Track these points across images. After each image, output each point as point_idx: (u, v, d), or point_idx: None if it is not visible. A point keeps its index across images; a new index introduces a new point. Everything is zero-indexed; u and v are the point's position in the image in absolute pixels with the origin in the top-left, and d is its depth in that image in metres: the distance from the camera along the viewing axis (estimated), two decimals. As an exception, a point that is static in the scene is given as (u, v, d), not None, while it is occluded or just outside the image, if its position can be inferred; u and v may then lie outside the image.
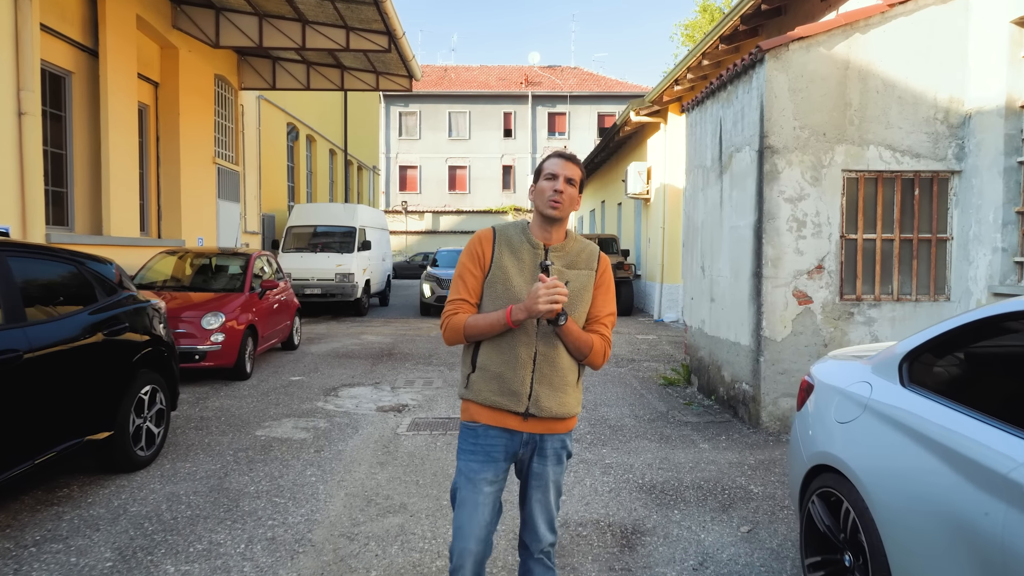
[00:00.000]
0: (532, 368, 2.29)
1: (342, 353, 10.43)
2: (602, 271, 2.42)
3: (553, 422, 2.37)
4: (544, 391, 2.31)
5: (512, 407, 2.31)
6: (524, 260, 2.35)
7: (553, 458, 2.42)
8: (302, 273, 14.80)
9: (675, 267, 14.84)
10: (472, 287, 2.37)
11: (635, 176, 16.58)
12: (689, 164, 8.17)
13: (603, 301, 2.41)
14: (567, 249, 2.38)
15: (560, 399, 2.33)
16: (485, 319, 2.29)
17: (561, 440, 2.42)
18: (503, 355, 2.30)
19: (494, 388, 2.32)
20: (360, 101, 26.10)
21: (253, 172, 14.77)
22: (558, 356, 2.32)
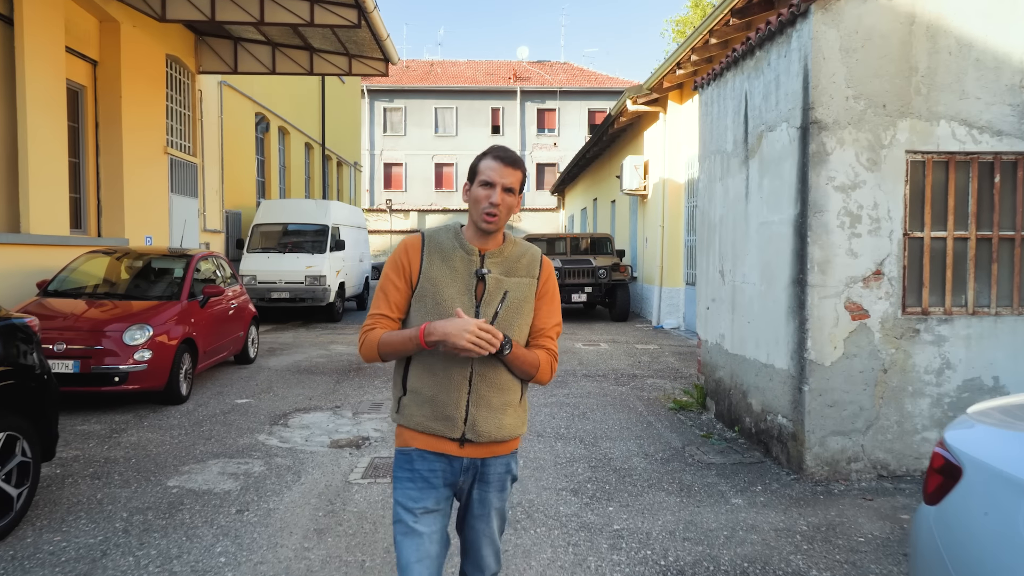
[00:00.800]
0: (468, 390, 2.09)
1: (304, 367, 9.18)
2: (545, 278, 2.21)
3: (493, 446, 2.17)
4: (482, 414, 2.11)
5: (447, 433, 2.11)
6: (457, 268, 2.12)
7: (496, 484, 2.21)
8: (268, 275, 13.51)
9: (676, 269, 13.67)
10: (395, 301, 2.15)
11: (631, 171, 15.41)
12: (703, 150, 6.99)
13: (548, 312, 2.21)
14: (505, 254, 2.17)
15: (500, 421, 2.13)
16: (398, 336, 2.08)
17: (504, 464, 2.22)
18: (435, 376, 2.10)
19: (427, 413, 2.11)
20: (340, 93, 24.79)
21: (214, 164, 13.47)
22: (498, 376, 2.12)
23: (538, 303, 2.18)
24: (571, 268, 14.46)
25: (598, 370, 9.10)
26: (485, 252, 2.14)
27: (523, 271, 2.17)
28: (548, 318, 2.20)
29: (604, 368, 9.25)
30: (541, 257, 2.22)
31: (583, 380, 8.45)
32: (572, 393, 7.68)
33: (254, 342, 9.40)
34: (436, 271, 2.11)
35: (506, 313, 2.10)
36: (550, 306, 2.21)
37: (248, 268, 13.55)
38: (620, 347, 11.14)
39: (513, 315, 2.12)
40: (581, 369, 9.17)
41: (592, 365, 9.48)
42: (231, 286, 8.85)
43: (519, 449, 2.49)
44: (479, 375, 2.09)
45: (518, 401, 2.18)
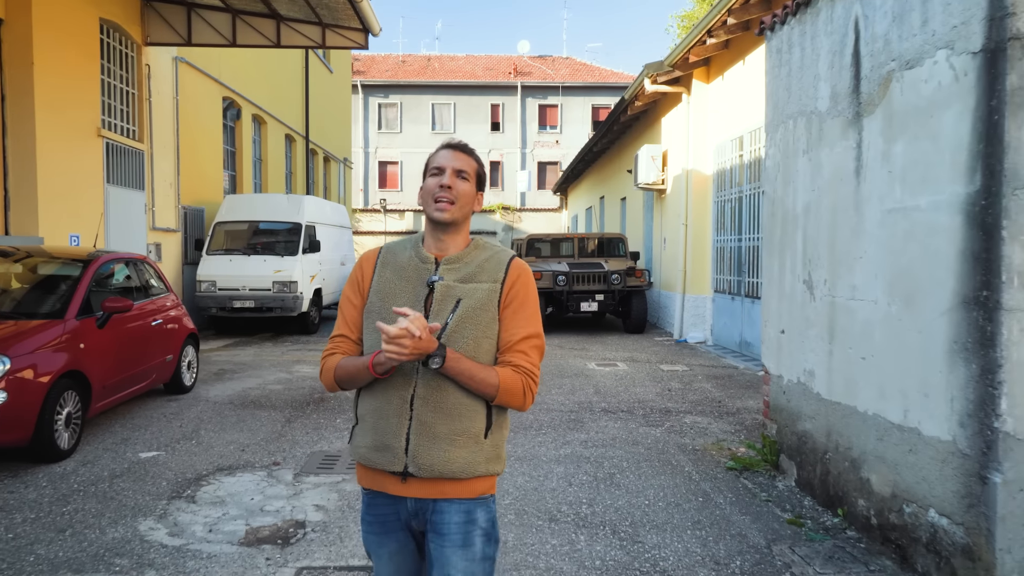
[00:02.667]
0: (409, 415, 1.78)
1: (252, 398, 7.33)
2: (511, 283, 1.86)
3: (443, 483, 1.80)
4: (423, 444, 1.77)
5: (387, 465, 1.80)
6: (410, 279, 1.88)
7: (456, 536, 1.79)
8: (230, 281, 11.67)
9: (702, 274, 11.81)
10: (352, 320, 1.92)
11: (647, 162, 13.57)
12: (774, 116, 5.15)
13: (515, 321, 1.84)
14: (466, 260, 1.89)
15: (447, 454, 1.77)
16: (352, 365, 1.82)
17: (463, 511, 1.81)
18: (376, 400, 1.82)
19: (368, 442, 1.83)
20: (328, 83, 22.97)
21: (167, 152, 11.63)
22: (443, 398, 1.78)
23: (503, 313, 1.85)
24: (579, 273, 12.61)
25: (621, 402, 7.25)
26: (442, 258, 1.89)
27: (485, 276, 1.87)
28: (516, 329, 1.84)
29: (627, 399, 7.40)
30: (510, 260, 1.90)
31: (603, 418, 6.61)
32: (592, 440, 5.83)
33: (191, 366, 7.55)
34: (386, 284, 1.89)
35: (458, 324, 1.80)
36: (519, 315, 1.86)
37: (207, 272, 11.71)
38: (642, 368, 9.28)
39: (467, 326, 1.80)
40: (599, 401, 7.32)
41: (612, 395, 7.63)
42: (158, 297, 7.01)
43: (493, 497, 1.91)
44: (421, 398, 1.79)
45: (482, 433, 1.81)
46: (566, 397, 7.49)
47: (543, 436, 5.93)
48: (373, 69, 40.84)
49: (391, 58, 43.01)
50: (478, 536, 1.83)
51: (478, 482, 1.84)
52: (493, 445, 1.84)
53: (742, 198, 10.25)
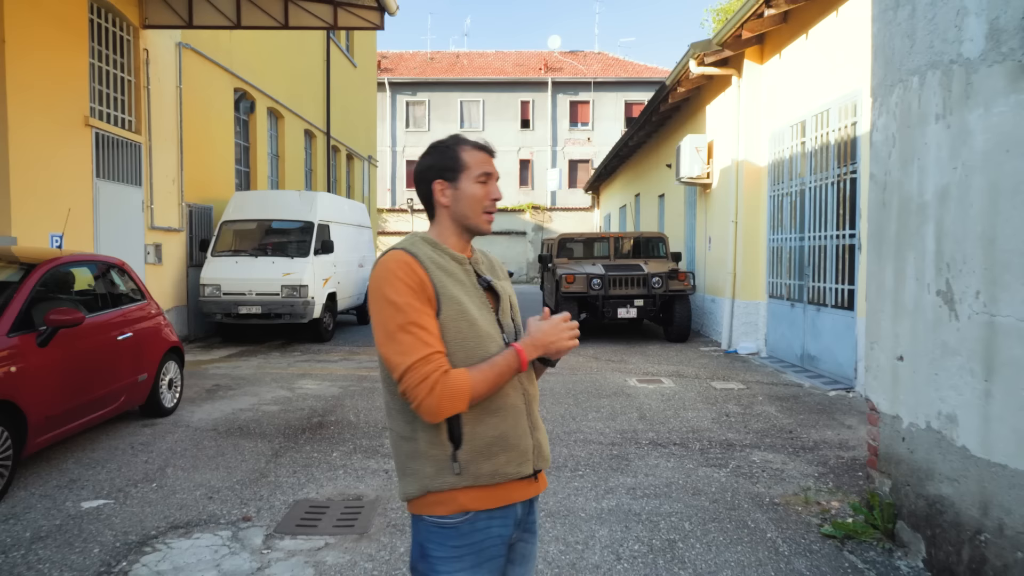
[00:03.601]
0: (526, 411, 1.77)
1: (240, 423, 6.32)
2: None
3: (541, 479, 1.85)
4: (542, 436, 1.82)
5: (523, 470, 1.74)
6: (464, 282, 1.77)
7: (535, 527, 1.86)
8: (236, 285, 10.75)
9: (755, 277, 10.56)
10: (435, 330, 1.67)
11: (690, 154, 12.34)
12: (886, 73, 3.94)
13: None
14: (478, 260, 1.87)
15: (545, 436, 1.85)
16: (493, 369, 1.66)
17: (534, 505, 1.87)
18: (502, 411, 1.72)
19: (500, 457, 1.70)
20: (351, 77, 22.10)
21: (169, 145, 10.75)
22: (533, 388, 1.83)
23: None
24: (616, 276, 11.44)
25: (671, 432, 6.09)
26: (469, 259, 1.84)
27: (501, 274, 1.93)
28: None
29: (679, 428, 6.24)
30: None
31: (653, 453, 5.45)
32: (642, 487, 4.69)
33: (172, 384, 6.57)
34: (452, 288, 1.73)
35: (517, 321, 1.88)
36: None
37: (211, 276, 10.80)
38: (690, 386, 8.09)
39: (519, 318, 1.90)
40: (645, 430, 6.16)
41: (660, 421, 6.47)
42: (131, 306, 6.04)
43: None
44: (531, 396, 1.81)
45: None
46: (606, 424, 6.35)
47: (580, 480, 4.80)
48: (401, 67, 40.07)
49: (419, 55, 42.20)
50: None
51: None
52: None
53: (804, 191, 8.99)
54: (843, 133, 7.96)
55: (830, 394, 7.59)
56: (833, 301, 8.17)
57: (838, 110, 8.05)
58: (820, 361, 8.55)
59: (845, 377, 7.91)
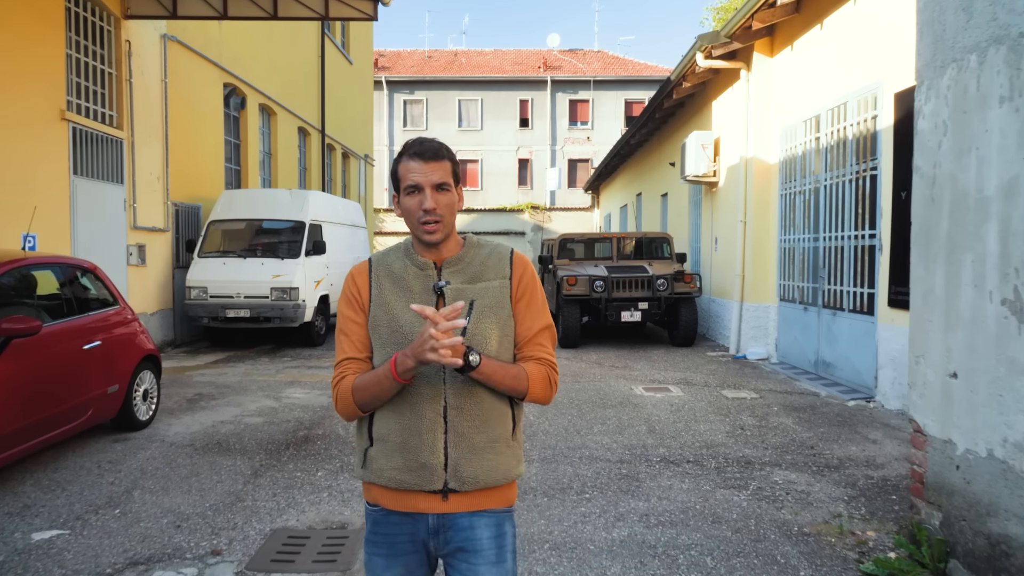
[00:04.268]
0: (444, 428, 1.71)
1: (220, 438, 5.88)
2: (519, 276, 1.82)
3: (484, 494, 1.75)
4: (465, 456, 1.71)
5: (425, 485, 1.71)
6: (412, 288, 1.78)
7: (490, 552, 1.73)
8: (223, 287, 10.30)
9: (764, 279, 10.14)
10: (358, 339, 1.80)
11: (696, 151, 11.92)
12: (935, 53, 3.50)
13: (531, 315, 1.81)
14: (467, 259, 1.82)
15: (489, 463, 1.73)
16: (371, 378, 1.70)
17: (496, 524, 1.76)
18: (403, 417, 1.72)
19: (398, 463, 1.72)
20: (347, 74, 21.65)
21: (153, 141, 10.30)
22: (479, 405, 1.73)
23: (516, 307, 1.81)
24: (620, 278, 11.00)
25: (684, 447, 5.65)
26: (442, 263, 1.80)
27: (492, 273, 1.81)
28: (532, 321, 1.81)
29: (692, 442, 5.80)
30: (512, 253, 1.85)
31: (665, 472, 5.02)
32: (655, 512, 4.25)
33: (148, 396, 6.13)
34: (388, 294, 1.79)
35: (477, 325, 1.73)
36: (531, 307, 1.82)
37: (197, 278, 10.35)
38: (700, 395, 7.66)
39: (486, 325, 1.75)
40: (655, 445, 5.73)
41: (670, 434, 6.03)
42: (101, 312, 5.59)
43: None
44: (455, 408, 1.72)
45: (510, 434, 1.79)
46: (612, 438, 5.91)
47: (588, 505, 4.37)
48: (398, 65, 39.65)
49: (416, 53, 41.78)
50: (508, 552, 1.79)
51: (509, 489, 1.82)
52: (518, 443, 1.83)
53: (819, 189, 8.56)
54: (862, 127, 7.53)
55: (849, 404, 7.16)
56: (851, 305, 7.74)
57: (856, 103, 7.62)
58: (836, 368, 8.12)
59: (864, 386, 7.48)
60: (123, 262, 9.49)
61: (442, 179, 1.74)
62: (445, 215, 1.75)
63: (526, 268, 1.85)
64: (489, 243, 1.89)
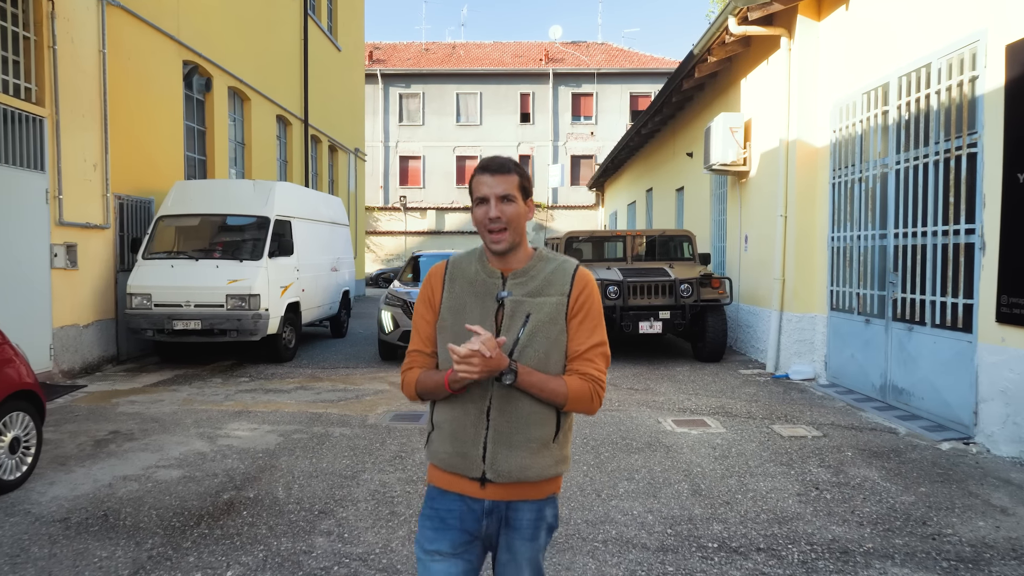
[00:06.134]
0: (486, 425, 1.91)
1: (111, 505, 4.31)
2: (577, 294, 1.94)
3: (519, 487, 1.92)
4: (502, 452, 1.90)
5: (466, 471, 1.93)
6: (479, 294, 1.96)
7: (527, 531, 1.95)
8: (170, 294, 8.74)
9: (809, 284, 8.56)
10: (426, 335, 2.04)
11: (723, 136, 10.35)
12: None
13: (582, 332, 1.93)
14: (532, 273, 1.96)
15: (524, 461, 1.90)
16: (432, 382, 1.96)
17: (535, 509, 1.95)
18: (454, 410, 1.95)
19: (448, 449, 1.95)
20: (334, 62, 20.10)
21: (87, 122, 8.73)
22: (518, 408, 1.90)
23: (571, 323, 1.92)
24: (637, 283, 9.43)
25: (746, 522, 4.08)
26: (508, 273, 1.96)
27: (552, 288, 1.94)
28: (583, 339, 1.92)
29: (755, 512, 4.23)
30: (575, 270, 1.97)
31: (730, 572, 3.44)
32: (734, 667, 2.68)
33: (18, 445, 4.55)
34: (457, 299, 1.98)
35: (528, 337, 1.90)
36: (583, 324, 1.93)
37: (140, 283, 8.79)
38: (746, 430, 6.09)
39: (537, 339, 1.90)
40: (706, 517, 4.15)
41: (723, 498, 4.46)
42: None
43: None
44: (497, 408, 1.91)
45: (551, 438, 1.93)
46: (646, 504, 4.34)
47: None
48: (394, 58, 38.10)
49: (413, 46, 40.23)
50: (543, 529, 1.97)
51: (548, 483, 1.95)
52: (560, 447, 1.94)
53: (887, 175, 6.99)
54: (954, 94, 5.95)
55: (942, 447, 5.59)
56: (936, 319, 6.16)
57: (946, 64, 6.04)
58: (913, 396, 6.54)
59: (956, 422, 5.90)
60: (45, 264, 7.93)
61: (507, 191, 1.89)
62: (511, 226, 1.90)
63: (586, 286, 1.94)
64: (557, 258, 1.99)
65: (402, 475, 4.93)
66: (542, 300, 1.90)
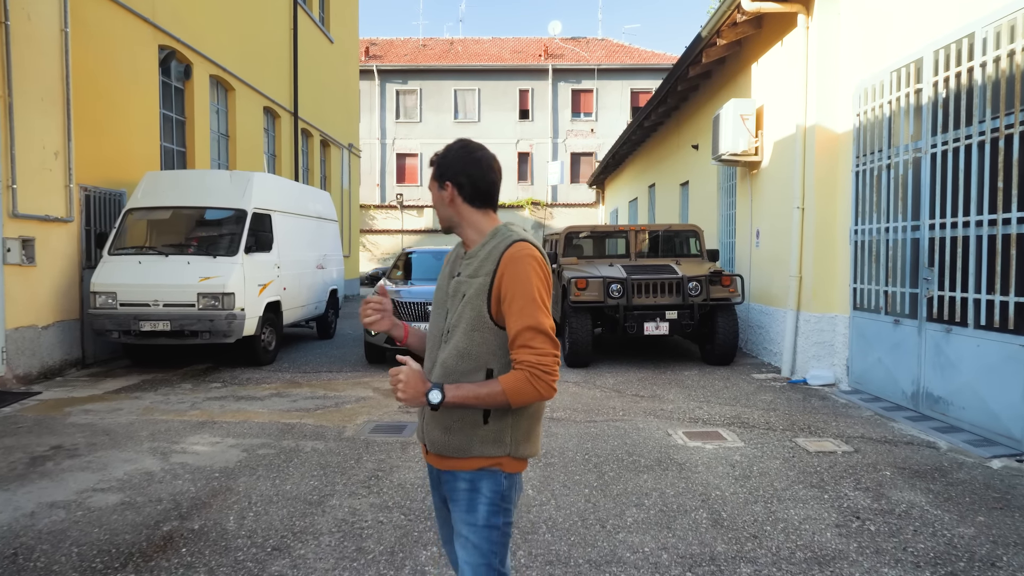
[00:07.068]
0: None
1: (27, 540, 3.64)
2: (500, 274, 1.86)
3: (444, 459, 1.99)
4: (428, 425, 2.01)
5: (419, 435, 2.09)
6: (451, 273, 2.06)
7: (462, 502, 1.97)
8: (137, 293, 8.07)
9: (829, 281, 7.90)
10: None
11: (733, 124, 9.69)
12: None
13: (511, 316, 1.84)
14: (478, 253, 1.96)
15: (445, 436, 1.95)
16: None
17: (468, 480, 1.95)
18: None
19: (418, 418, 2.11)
20: (326, 54, 19.43)
21: (47, 107, 8.07)
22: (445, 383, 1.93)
23: (502, 309, 1.87)
24: (642, 281, 8.76)
25: (779, 560, 3.39)
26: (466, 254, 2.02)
27: (483, 270, 1.92)
28: (512, 323, 1.84)
29: (788, 549, 3.55)
30: (509, 245, 1.89)
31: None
32: None
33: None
34: (440, 279, 2.12)
35: (457, 318, 1.93)
36: (512, 307, 1.84)
37: (105, 280, 8.12)
38: (767, 444, 5.42)
39: (462, 320, 1.92)
40: (731, 555, 3.47)
41: (749, 530, 3.78)
42: None
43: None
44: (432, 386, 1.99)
45: (480, 419, 1.91)
46: (659, 539, 3.67)
47: None
48: (391, 53, 37.45)
49: (410, 42, 39.57)
50: (482, 504, 1.94)
51: (476, 460, 1.94)
52: (494, 430, 1.92)
53: (920, 160, 6.32)
54: (1003, 65, 5.28)
55: (993, 465, 4.92)
56: (981, 320, 5.49)
57: (993, 32, 5.37)
58: (952, 406, 5.87)
59: (1006, 435, 5.24)
60: (-3, 260, 7.27)
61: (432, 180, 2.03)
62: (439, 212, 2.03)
63: (512, 260, 1.86)
64: (500, 235, 1.95)
65: (376, 500, 4.26)
66: (473, 281, 1.92)
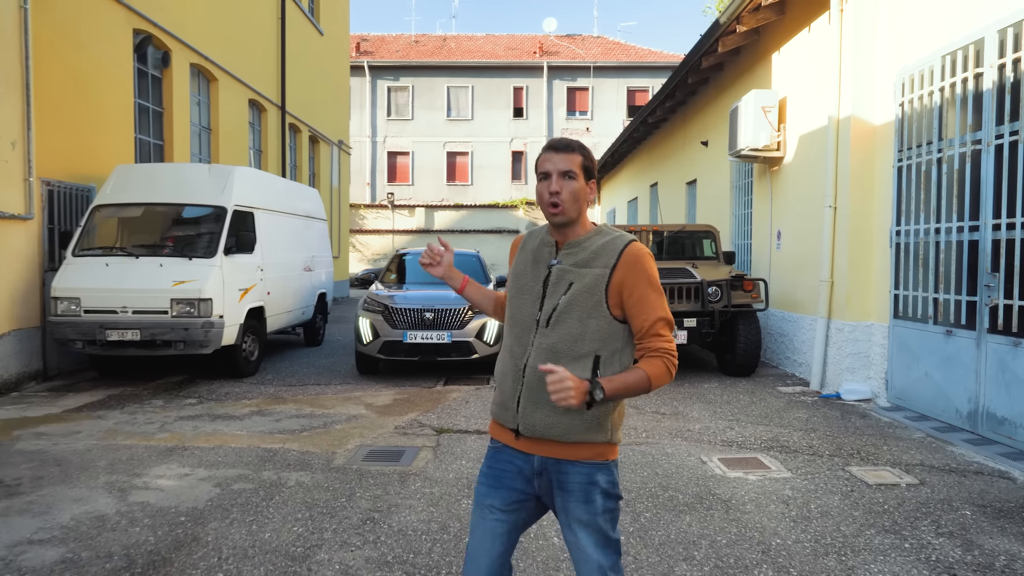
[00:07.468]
0: (522, 380, 2.00)
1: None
2: (621, 265, 1.94)
3: (551, 445, 1.97)
4: (529, 408, 1.98)
5: (506, 421, 2.05)
6: (539, 261, 2.08)
7: (579, 493, 1.96)
8: (103, 299, 7.29)
9: (865, 286, 7.24)
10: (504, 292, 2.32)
11: (754, 116, 9.02)
12: None
13: (641, 307, 1.93)
14: (585, 245, 2.02)
15: (552, 419, 1.94)
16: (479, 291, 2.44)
17: (584, 473, 1.96)
18: (504, 364, 2.10)
19: (497, 399, 2.11)
20: (316, 48, 18.65)
21: (4, 92, 7.28)
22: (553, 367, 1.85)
23: (628, 302, 1.94)
24: (659, 284, 8.04)
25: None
26: (563, 244, 2.04)
27: (598, 262, 1.97)
28: (644, 315, 1.93)
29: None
30: (626, 244, 1.97)
31: None
32: None
33: None
34: (518, 265, 2.11)
35: (567, 305, 1.96)
36: (643, 299, 1.93)
37: (67, 284, 7.33)
38: (819, 474, 4.73)
39: (575, 307, 1.95)
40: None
41: (832, 599, 3.10)
42: None
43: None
44: (531, 367, 1.98)
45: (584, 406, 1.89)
46: (724, 614, 2.97)
47: None
48: (382, 49, 36.66)
49: (403, 38, 38.79)
50: (598, 494, 1.96)
51: (586, 447, 1.96)
52: (595, 416, 1.94)
53: (980, 152, 5.66)
54: (1092, 43, 4.62)
55: (1087, 503, 4.25)
56: (1061, 333, 4.83)
57: (1078, 5, 4.71)
58: (1019, 428, 5.21)
59: (1093, 466, 4.57)
60: (-57, 263, 6.48)
61: (568, 168, 1.96)
62: (566, 201, 1.97)
63: (636, 258, 1.93)
64: (613, 233, 2.02)
65: (372, 552, 3.53)
66: (586, 271, 1.96)
